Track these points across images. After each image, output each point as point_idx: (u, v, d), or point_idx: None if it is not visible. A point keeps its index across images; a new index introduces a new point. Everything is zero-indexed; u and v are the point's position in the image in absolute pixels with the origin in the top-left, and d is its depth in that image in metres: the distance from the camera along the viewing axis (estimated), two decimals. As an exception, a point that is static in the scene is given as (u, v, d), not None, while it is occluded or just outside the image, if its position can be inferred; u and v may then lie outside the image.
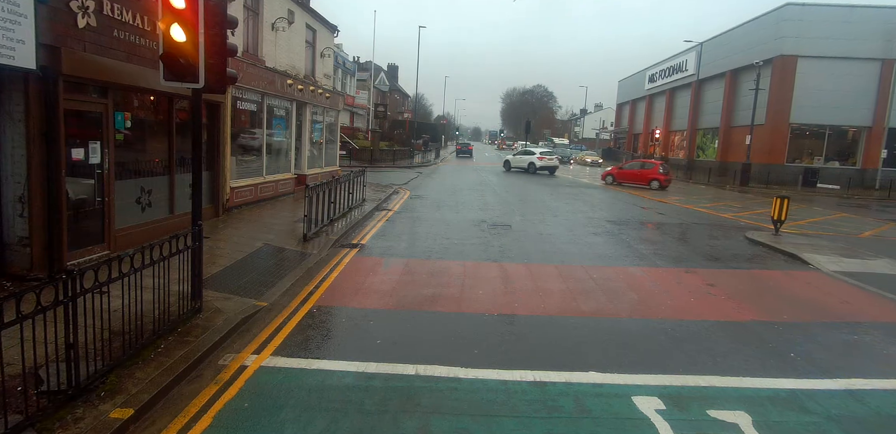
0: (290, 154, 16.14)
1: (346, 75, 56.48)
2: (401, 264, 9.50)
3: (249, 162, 13.71)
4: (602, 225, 14.79)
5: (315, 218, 11.23)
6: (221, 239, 10.04)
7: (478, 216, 15.33)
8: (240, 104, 12.78)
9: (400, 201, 17.89)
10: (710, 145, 46.54)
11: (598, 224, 14.93)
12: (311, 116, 17.97)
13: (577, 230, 13.83)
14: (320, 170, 18.96)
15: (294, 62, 16.56)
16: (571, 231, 13.67)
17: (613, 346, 6.18)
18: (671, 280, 9.17)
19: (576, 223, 15.01)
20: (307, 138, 17.48)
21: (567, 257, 10.62)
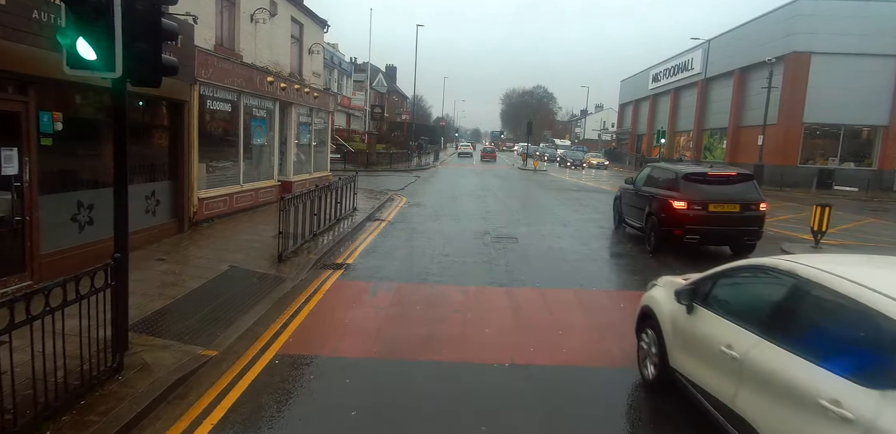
0: (273, 159, 14.66)
1: (343, 76, 55.06)
2: (391, 291, 8.01)
3: (224, 169, 12.23)
4: (619, 236, 13.30)
5: (295, 233, 9.75)
6: (180, 261, 8.54)
7: (480, 227, 13.84)
8: (211, 104, 11.31)
9: (395, 210, 16.41)
10: (717, 146, 45.08)
11: (614, 235, 13.44)
12: (298, 117, 16.50)
13: (593, 243, 12.34)
14: (309, 176, 17.48)
15: (278, 58, 15.09)
16: (586, 244, 12.18)
17: (648, 409, 4.69)
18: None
19: (589, 235, 13.52)
20: (293, 141, 16.01)
21: (586, 279, 9.13)
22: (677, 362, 4.51)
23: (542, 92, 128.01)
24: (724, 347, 3.76)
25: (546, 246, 11.81)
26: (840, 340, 3.15)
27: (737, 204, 10.38)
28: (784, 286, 3.61)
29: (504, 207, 18.02)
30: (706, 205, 10.29)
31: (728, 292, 4.30)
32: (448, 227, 13.77)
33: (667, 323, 4.76)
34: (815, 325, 3.40)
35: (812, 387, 2.97)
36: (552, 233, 13.48)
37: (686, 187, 10.60)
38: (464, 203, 18.85)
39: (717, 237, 10.42)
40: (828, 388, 2.86)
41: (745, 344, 3.60)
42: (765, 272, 3.96)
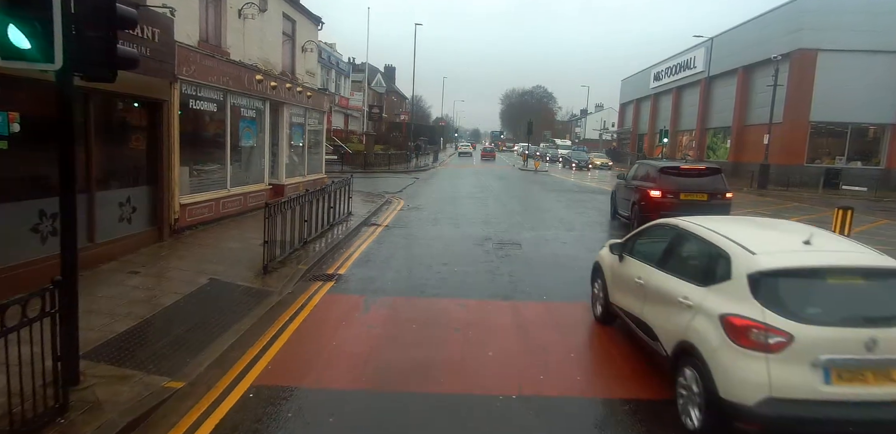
0: (263, 161, 13.98)
1: (341, 76, 54.40)
2: (385, 306, 7.33)
3: (209, 172, 11.54)
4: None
5: (283, 241, 9.07)
6: (155, 273, 7.86)
7: (481, 232, 13.15)
8: (194, 103, 10.62)
9: (392, 214, 15.72)
10: (721, 145, 44.42)
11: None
12: (291, 118, 15.82)
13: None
14: (302, 178, 16.79)
15: (268, 56, 14.41)
16: (593, 251, 11.42)
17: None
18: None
19: (595, 239, 12.81)
20: (285, 143, 15.32)
21: (596, 291, 8.43)
22: (614, 298, 6.28)
23: (542, 92, 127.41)
24: (636, 279, 5.61)
25: (551, 253, 11.13)
26: (691, 262, 5.03)
27: (705, 193, 12.19)
28: (670, 235, 5.53)
29: (505, 210, 17.34)
30: (678, 194, 12.05)
31: (641, 243, 6.12)
32: (447, 232, 13.09)
33: (608, 271, 6.57)
34: (681, 255, 5.25)
35: (676, 291, 4.75)
36: (557, 238, 12.79)
37: (661, 179, 12.37)
38: (464, 206, 18.17)
39: None
40: (682, 290, 4.66)
41: (646, 273, 5.46)
42: (662, 228, 5.83)
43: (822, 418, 3.70)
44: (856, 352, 3.73)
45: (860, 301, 4.13)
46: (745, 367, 3.84)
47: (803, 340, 3.75)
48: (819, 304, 4.04)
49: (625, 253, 6.14)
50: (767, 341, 3.80)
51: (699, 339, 4.23)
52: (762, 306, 3.93)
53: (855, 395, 3.74)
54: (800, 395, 3.74)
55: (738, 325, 3.94)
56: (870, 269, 4.24)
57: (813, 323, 3.81)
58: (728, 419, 3.89)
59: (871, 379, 3.77)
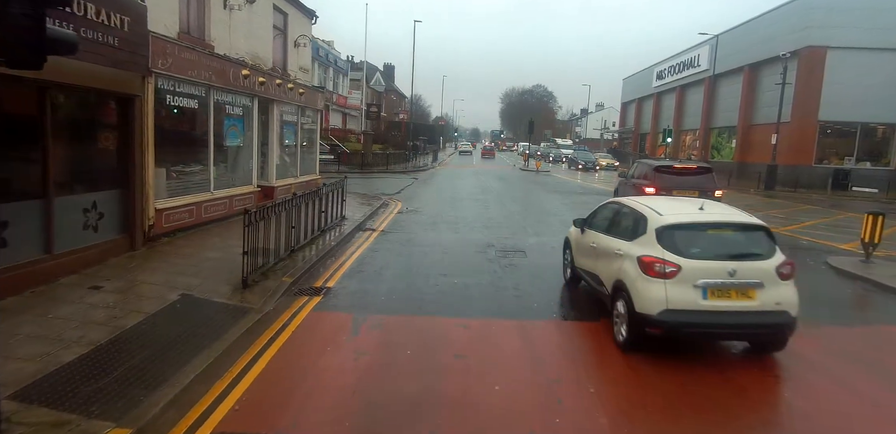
0: (251, 162, 13.16)
1: (339, 74, 53.57)
2: (376, 327, 6.52)
3: (190, 174, 10.72)
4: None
5: (267, 250, 8.26)
6: (121, 288, 7.04)
7: (482, 237, 12.34)
8: (172, 99, 9.79)
9: (389, 217, 14.91)
10: (726, 145, 43.63)
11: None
12: (282, 116, 14.99)
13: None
14: (294, 180, 15.97)
15: (257, 50, 13.59)
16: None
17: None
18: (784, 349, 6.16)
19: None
20: (276, 142, 14.50)
21: (611, 307, 7.62)
22: (578, 262, 7.88)
23: (542, 91, 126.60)
24: (591, 244, 7.22)
25: (559, 262, 10.29)
26: (624, 225, 6.63)
27: (696, 190, 12.88)
28: (614, 210, 7.19)
29: (507, 213, 16.52)
30: (671, 190, 12.66)
31: (596, 218, 7.65)
32: (447, 237, 12.28)
33: (573, 243, 8.22)
34: (619, 223, 6.84)
35: (614, 246, 6.41)
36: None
37: (656, 177, 13.34)
38: (464, 209, 17.36)
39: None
40: (618, 245, 6.34)
41: (598, 239, 7.08)
42: (609, 205, 7.53)
43: (702, 322, 5.47)
44: (722, 277, 5.48)
45: (727, 244, 5.90)
46: (651, 290, 5.58)
47: (688, 270, 5.49)
48: (699, 246, 5.76)
49: (585, 227, 7.87)
50: (665, 271, 5.56)
51: (625, 275, 5.96)
52: (662, 249, 5.71)
53: (723, 307, 5.49)
54: (686, 307, 5.47)
55: (647, 261, 5.69)
56: (735, 223, 6.13)
57: (694, 258, 5.58)
58: (641, 327, 5.61)
59: (733, 295, 5.52)
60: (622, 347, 5.89)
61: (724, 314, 5.49)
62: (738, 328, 5.58)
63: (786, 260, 5.72)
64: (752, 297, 5.52)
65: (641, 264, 5.73)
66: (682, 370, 5.51)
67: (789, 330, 5.63)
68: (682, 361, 5.74)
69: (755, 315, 5.52)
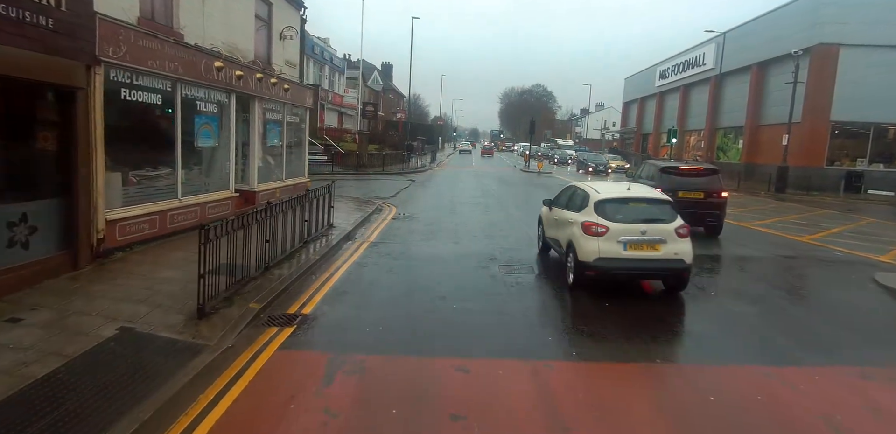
0: (228, 165, 11.90)
1: (335, 73, 52.32)
2: (356, 372, 5.27)
3: (152, 179, 9.45)
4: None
5: (235, 268, 7.03)
6: (46, 322, 5.77)
7: (484, 249, 11.11)
8: (129, 93, 8.52)
9: (382, 224, 13.65)
10: (732, 146, 42.45)
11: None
12: (265, 114, 13.74)
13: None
14: (279, 183, 14.71)
15: (236, 42, 12.34)
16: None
17: None
18: (855, 404, 4.93)
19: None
20: (258, 142, 13.24)
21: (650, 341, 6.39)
22: (547, 234, 10.20)
23: (542, 91, 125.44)
24: (555, 218, 9.52)
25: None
26: (576, 202, 8.79)
27: (701, 192, 13.23)
28: (571, 191, 9.47)
29: (511, 220, 15.28)
30: (676, 192, 12.70)
31: (559, 199, 9.95)
32: (445, 249, 11.04)
33: (544, 219, 10.57)
34: (574, 200, 8.98)
35: (569, 217, 8.55)
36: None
37: (662, 178, 13.52)
38: (463, 214, 16.11)
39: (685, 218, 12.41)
40: (571, 216, 8.49)
41: (560, 214, 9.22)
42: (569, 188, 9.85)
43: (622, 266, 7.74)
44: (637, 235, 7.73)
45: (641, 212, 8.11)
46: (589, 244, 7.81)
47: (613, 230, 7.74)
48: (622, 213, 8.01)
49: (551, 206, 9.98)
50: (598, 231, 7.81)
51: (574, 236, 8.16)
52: (598, 216, 7.99)
53: (637, 256, 7.76)
54: (612, 255, 7.71)
55: (587, 225, 7.93)
56: (647, 198, 8.48)
57: (618, 222, 7.83)
58: (582, 270, 7.91)
59: (645, 248, 7.76)
60: (570, 287, 8.25)
61: (638, 261, 7.80)
62: (648, 271, 8.00)
63: (683, 224, 8.05)
64: (657, 249, 7.80)
65: (583, 227, 8.01)
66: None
67: (685, 273, 8.00)
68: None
69: (660, 261, 7.81)
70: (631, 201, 8.32)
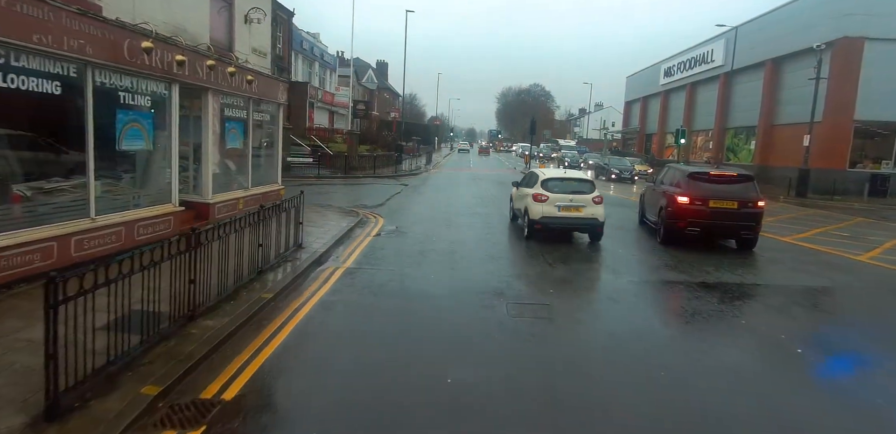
0: (168, 172, 9.61)
1: (326, 70, 50.00)
2: None
3: (52, 193, 7.17)
4: (705, 295, 8.35)
5: (129, 327, 4.79)
6: None
7: (488, 278, 8.88)
8: (4, 78, 6.26)
9: (364, 242, 11.40)
10: (743, 147, 40.33)
11: (697, 294, 8.48)
12: (223, 110, 11.48)
13: (696, 323, 7.40)
14: (243, 193, 12.42)
15: (182, 21, 10.08)
16: (673, 326, 7.23)
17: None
18: None
19: (662, 295, 8.61)
20: (212, 144, 10.95)
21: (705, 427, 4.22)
22: (514, 206, 14.07)
23: (540, 90, 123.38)
24: (519, 194, 13.38)
25: (604, 330, 6.86)
26: (531, 181, 12.70)
27: (735, 201, 11.74)
28: (530, 174, 13.54)
29: (518, 236, 13.05)
30: (707, 201, 11.72)
31: (522, 180, 13.85)
32: (438, 279, 8.79)
33: (513, 195, 14.37)
34: (530, 181, 12.87)
35: (527, 192, 12.39)
36: (603, 292, 8.55)
37: (690, 185, 12.13)
38: (461, 227, 13.86)
39: (716, 230, 12.17)
40: (527, 190, 12.40)
41: (522, 190, 13.13)
42: (527, 173, 14.01)
43: (557, 222, 11.67)
44: (567, 202, 11.51)
45: (571, 186, 11.90)
46: (536, 208, 11.61)
47: (552, 198, 11.56)
48: (558, 187, 11.83)
49: (518, 186, 13.88)
50: (542, 199, 11.57)
51: (528, 203, 11.92)
52: (542, 189, 11.80)
53: (567, 215, 11.57)
54: (551, 215, 11.53)
55: (535, 195, 11.69)
56: (576, 178, 12.51)
57: (555, 193, 11.66)
58: (532, 225, 11.76)
59: (572, 210, 11.53)
60: (526, 238, 12.17)
61: (567, 219, 11.69)
62: (574, 225, 11.97)
63: (598, 195, 11.87)
64: (580, 211, 11.65)
65: (534, 196, 11.83)
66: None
67: (599, 228, 11.83)
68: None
69: (582, 219, 11.73)
70: (565, 180, 12.36)
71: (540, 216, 11.63)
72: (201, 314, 6.14)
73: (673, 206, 12.08)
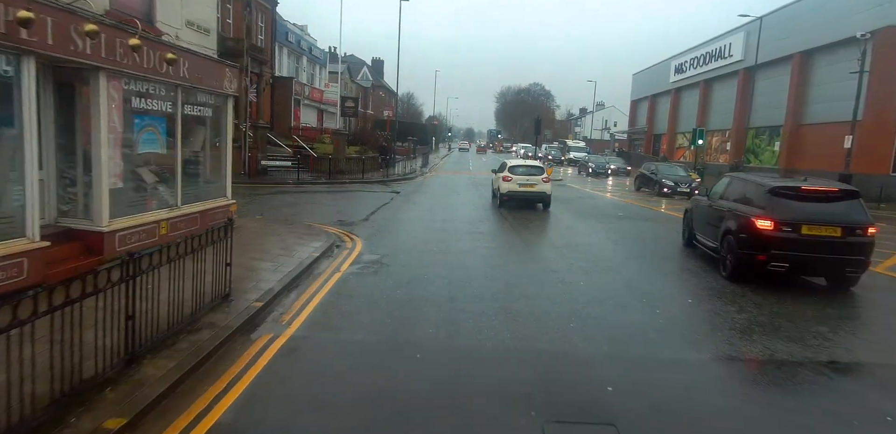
0: (23, 189, 6.39)
1: (315, 65, 46.74)
2: None
3: None
4: (862, 399, 5.18)
5: None
6: None
7: (509, 349, 5.73)
8: None
9: (327, 284, 8.19)
10: (766, 148, 37.22)
11: (852, 400, 5.31)
12: (127, 99, 8.25)
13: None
14: (167, 213, 9.18)
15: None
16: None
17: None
18: None
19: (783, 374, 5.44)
20: (106, 145, 7.70)
21: None
22: (494, 186, 19.74)
23: (539, 90, 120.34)
24: (495, 177, 19.69)
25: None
26: (503, 168, 18.78)
27: (838, 226, 8.55)
28: (501, 163, 19.79)
29: (540, 266, 9.88)
30: (798, 226, 8.59)
31: (497, 168, 19.97)
32: (435, 367, 5.59)
33: (494, 179, 20.06)
34: (502, 168, 18.95)
35: (500, 175, 18.60)
36: (696, 390, 5.37)
37: (773, 204, 8.92)
38: (462, 256, 10.65)
39: (811, 266, 8.86)
40: (500, 174, 18.69)
41: (496, 174, 19.46)
42: (502, 163, 19.71)
43: (518, 196, 17.91)
44: (524, 181, 17.74)
45: (528, 171, 18.15)
46: (504, 185, 17.83)
47: (514, 179, 17.74)
48: (519, 171, 18.01)
49: (495, 172, 19.64)
50: (508, 179, 17.75)
51: (499, 182, 18.22)
52: (509, 172, 18.02)
53: (525, 190, 17.78)
54: (514, 190, 17.73)
55: (504, 177, 17.91)
56: (532, 165, 18.94)
57: (517, 175, 18.04)
58: (502, 198, 18.11)
59: (528, 187, 17.70)
60: (498, 207, 18.02)
61: (525, 192, 17.67)
62: (530, 198, 17.93)
63: (545, 176, 18.02)
64: (534, 187, 17.56)
65: (503, 178, 17.75)
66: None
67: (548, 198, 17.92)
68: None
69: (534, 193, 17.70)
70: (524, 166, 18.51)
71: (507, 191, 17.75)
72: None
73: (749, 231, 8.95)
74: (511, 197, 17.64)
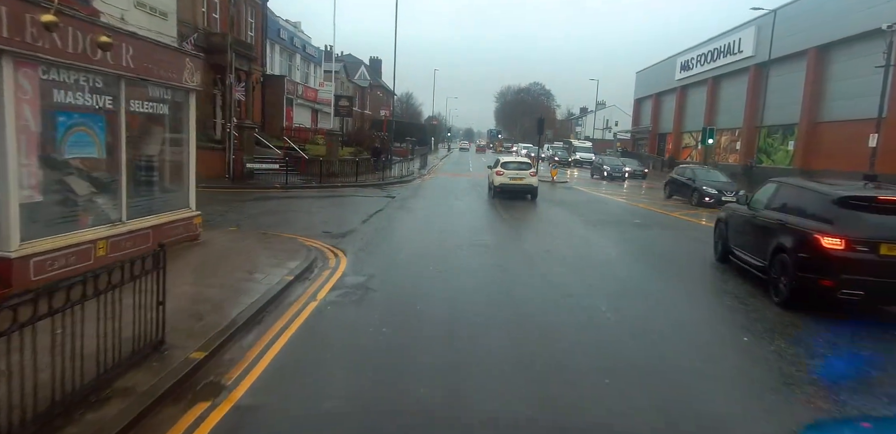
0: None
1: (309, 64, 45.19)
2: None
3: None
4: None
5: None
6: None
7: (523, 416, 4.17)
8: None
9: (295, 321, 6.61)
10: (779, 147, 35.65)
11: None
12: (46, 92, 6.69)
13: None
14: (108, 230, 7.60)
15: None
16: None
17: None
18: None
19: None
20: (12, 153, 6.15)
21: None
22: (489, 180, 22.49)
23: (539, 89, 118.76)
24: (490, 172, 22.84)
25: None
26: (496, 165, 22.17)
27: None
28: (495, 160, 24.11)
29: (558, 290, 8.35)
30: (876, 245, 6.97)
31: (492, 164, 23.18)
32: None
33: (489, 175, 22.93)
34: (495, 164, 22.29)
35: (493, 170, 21.90)
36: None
37: (843, 217, 7.31)
38: (463, 278, 9.09)
39: (893, 293, 7.22)
40: (494, 169, 21.88)
41: (491, 170, 22.49)
42: (496, 160, 23.23)
43: (509, 188, 20.99)
44: (514, 175, 20.89)
45: (518, 166, 21.60)
46: (497, 179, 21.02)
47: (505, 172, 21.01)
48: (510, 167, 21.35)
49: (490, 168, 22.60)
50: (501, 173, 21.05)
51: (493, 176, 21.56)
52: (502, 168, 21.26)
53: (516, 183, 20.86)
54: (505, 182, 20.93)
55: (497, 171, 21.17)
56: (521, 161, 22.95)
57: (508, 169, 21.32)
58: (496, 190, 21.29)
59: (517, 180, 20.78)
60: (492, 198, 21.03)
61: (515, 185, 20.75)
62: (519, 190, 20.92)
63: (532, 171, 21.34)
64: (523, 180, 20.63)
65: (496, 172, 21.06)
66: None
67: (535, 190, 20.89)
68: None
69: (523, 185, 20.73)
70: (515, 162, 22.06)
71: (499, 183, 20.70)
72: None
73: (811, 251, 7.36)
74: (503, 189, 20.92)
